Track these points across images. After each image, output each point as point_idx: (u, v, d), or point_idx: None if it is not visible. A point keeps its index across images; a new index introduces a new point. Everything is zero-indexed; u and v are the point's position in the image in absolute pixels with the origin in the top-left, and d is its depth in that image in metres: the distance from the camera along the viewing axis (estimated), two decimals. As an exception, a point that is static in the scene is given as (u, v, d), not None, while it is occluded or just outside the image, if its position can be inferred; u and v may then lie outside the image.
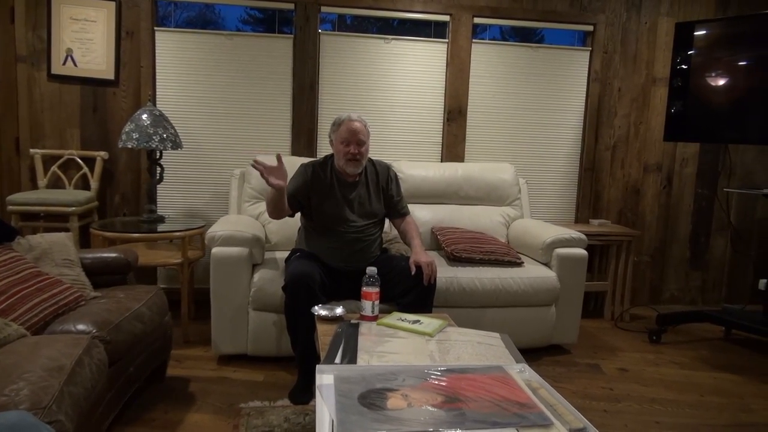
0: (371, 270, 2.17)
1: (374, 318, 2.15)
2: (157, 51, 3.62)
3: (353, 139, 2.58)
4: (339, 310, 2.19)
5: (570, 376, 2.90)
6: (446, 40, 3.86)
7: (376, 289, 2.16)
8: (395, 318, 2.16)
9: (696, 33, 3.38)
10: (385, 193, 2.79)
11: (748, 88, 3.25)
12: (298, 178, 2.70)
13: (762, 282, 3.64)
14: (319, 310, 2.19)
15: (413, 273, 2.50)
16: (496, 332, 2.05)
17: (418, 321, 2.13)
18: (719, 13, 4.01)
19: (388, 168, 2.85)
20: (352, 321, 2.13)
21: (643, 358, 3.22)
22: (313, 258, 2.61)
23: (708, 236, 4.25)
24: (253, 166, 2.39)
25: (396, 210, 2.82)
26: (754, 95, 3.23)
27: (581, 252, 3.11)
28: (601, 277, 3.95)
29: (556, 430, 1.29)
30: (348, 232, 2.65)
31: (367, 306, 2.15)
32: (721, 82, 3.33)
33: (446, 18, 3.83)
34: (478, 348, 1.86)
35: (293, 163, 3.43)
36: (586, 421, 1.33)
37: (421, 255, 2.58)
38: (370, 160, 2.81)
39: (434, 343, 1.90)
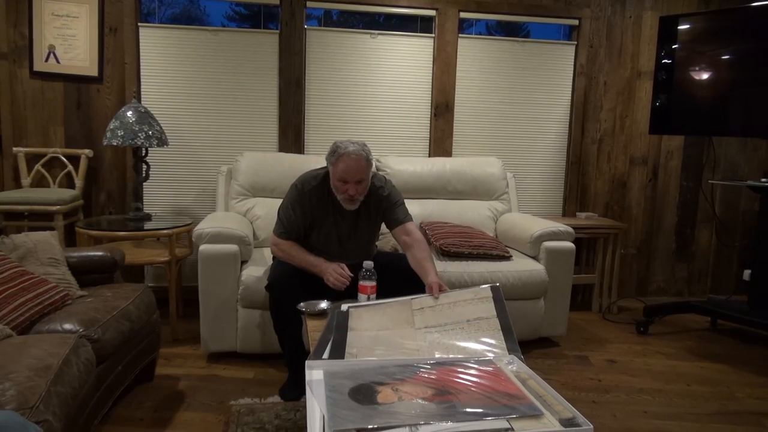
0: (368, 264, 2.17)
1: None
2: (141, 47, 3.58)
3: (352, 178, 2.34)
4: (323, 305, 2.18)
5: (559, 368, 2.92)
6: (432, 35, 3.86)
7: (373, 283, 2.16)
8: None
9: (680, 27, 3.40)
10: (383, 215, 2.57)
11: (730, 81, 3.28)
12: (299, 209, 2.48)
13: (746, 272, 3.68)
14: (304, 307, 2.18)
15: (435, 294, 2.14)
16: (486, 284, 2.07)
17: None
18: (702, 7, 4.05)
19: (379, 188, 2.54)
20: (342, 308, 2.06)
21: (631, 349, 3.25)
22: None
23: (693, 228, 4.30)
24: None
25: (395, 218, 2.52)
26: (736, 88, 3.26)
27: (569, 245, 3.13)
28: (589, 270, 3.98)
29: (546, 420, 1.30)
30: (348, 261, 2.49)
31: (363, 299, 2.16)
32: (705, 75, 3.36)
33: (432, 12, 3.82)
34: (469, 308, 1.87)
35: (281, 160, 3.43)
36: (576, 410, 1.34)
37: (436, 277, 2.25)
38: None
39: (419, 315, 1.90)
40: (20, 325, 1.92)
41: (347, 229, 2.55)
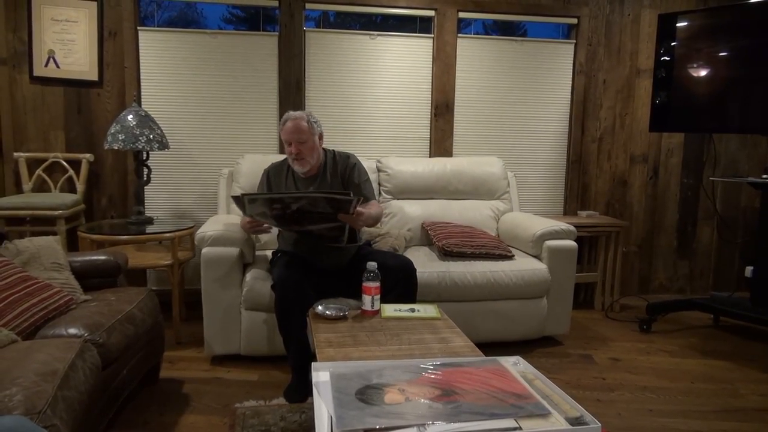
0: (371, 265, 2.19)
1: (375, 312, 2.19)
2: (141, 51, 3.58)
3: (292, 138, 2.58)
4: (344, 310, 2.20)
5: (563, 367, 2.92)
6: (431, 35, 3.86)
7: (377, 284, 2.18)
8: (392, 309, 2.25)
9: (678, 24, 3.41)
10: (346, 182, 2.72)
11: (730, 78, 3.29)
12: (259, 188, 2.80)
13: (748, 269, 3.69)
14: (324, 311, 2.19)
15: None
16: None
17: (413, 309, 2.25)
18: (701, 4, 4.05)
19: (348, 157, 2.79)
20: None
21: (634, 347, 3.25)
22: (297, 257, 2.61)
23: (695, 225, 4.30)
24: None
25: (364, 194, 2.64)
26: (736, 85, 3.27)
27: (571, 244, 3.13)
28: (591, 269, 3.98)
29: (553, 419, 1.30)
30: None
31: (367, 300, 2.18)
32: (704, 72, 3.37)
33: (431, 13, 3.83)
34: None
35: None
36: (583, 409, 1.34)
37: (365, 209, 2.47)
38: (332, 153, 2.78)
39: None
40: (25, 330, 1.92)
41: (308, 191, 2.67)
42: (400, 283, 2.53)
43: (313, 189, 2.66)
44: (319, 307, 2.22)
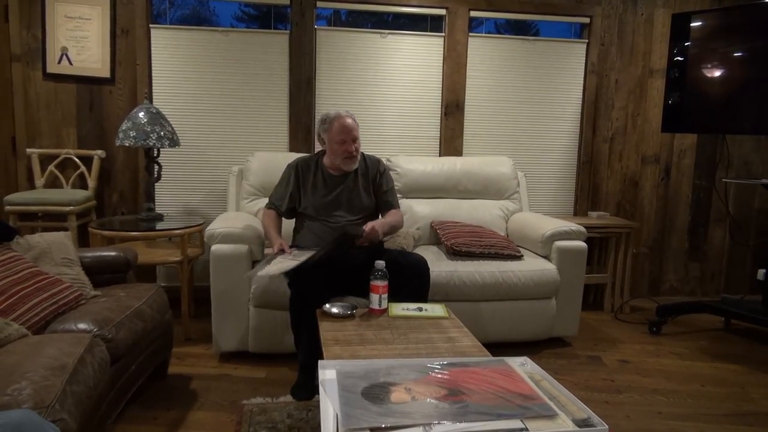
0: (380, 264, 2.19)
1: (383, 311, 2.19)
2: (152, 48, 3.60)
3: (349, 136, 2.61)
4: (351, 308, 2.20)
5: (571, 369, 2.91)
6: (443, 34, 3.85)
7: (385, 283, 2.18)
8: (399, 308, 2.24)
9: (692, 24, 3.37)
10: (375, 186, 2.77)
11: (744, 79, 3.25)
12: (286, 181, 2.77)
13: (761, 272, 3.64)
14: (332, 309, 2.19)
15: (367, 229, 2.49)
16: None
17: (421, 308, 2.24)
18: (715, 4, 4.01)
19: (378, 161, 2.84)
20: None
21: (644, 349, 3.22)
22: None
23: (706, 227, 4.26)
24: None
25: (384, 201, 2.79)
26: (750, 86, 3.23)
27: (581, 244, 3.11)
28: (601, 270, 3.96)
29: (560, 420, 1.29)
30: (335, 226, 2.64)
31: (375, 299, 2.18)
32: (718, 72, 3.33)
33: (442, 12, 3.82)
34: None
35: (291, 160, 3.43)
36: (590, 411, 1.33)
37: (375, 222, 2.57)
38: (362, 154, 2.80)
39: None
40: (35, 325, 1.93)
41: (337, 190, 2.70)
42: (413, 281, 2.53)
43: (342, 188, 2.71)
44: (327, 306, 2.23)
